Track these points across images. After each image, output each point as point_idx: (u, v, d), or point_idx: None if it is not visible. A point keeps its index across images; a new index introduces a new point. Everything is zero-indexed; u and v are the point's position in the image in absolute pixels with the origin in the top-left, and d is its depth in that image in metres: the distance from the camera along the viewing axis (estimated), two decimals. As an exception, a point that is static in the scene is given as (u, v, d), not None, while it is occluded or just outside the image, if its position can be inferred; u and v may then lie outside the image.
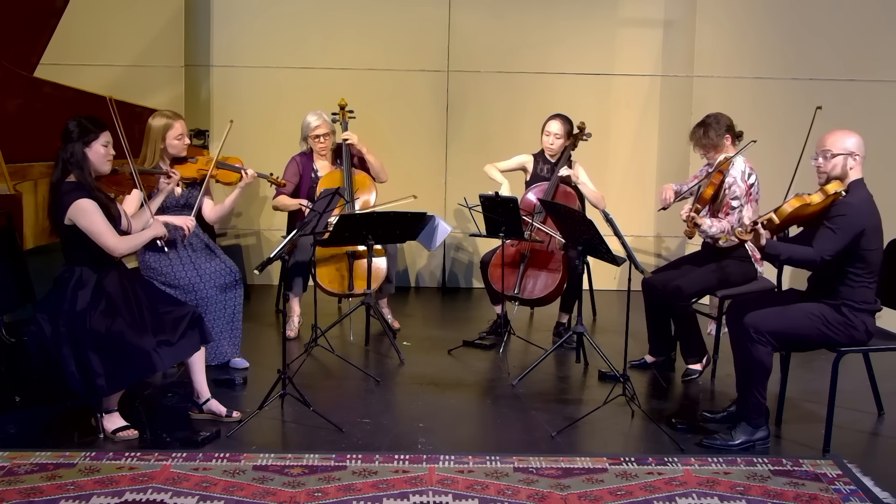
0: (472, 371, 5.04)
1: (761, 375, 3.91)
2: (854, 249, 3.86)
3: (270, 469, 3.65)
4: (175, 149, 4.67)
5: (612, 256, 4.47)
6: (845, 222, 3.83)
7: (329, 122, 5.63)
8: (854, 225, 3.83)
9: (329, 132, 5.61)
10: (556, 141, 5.52)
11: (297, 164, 5.65)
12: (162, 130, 4.63)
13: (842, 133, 3.97)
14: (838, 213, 3.86)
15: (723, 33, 6.53)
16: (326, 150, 5.65)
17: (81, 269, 3.95)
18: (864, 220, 3.86)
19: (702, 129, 4.89)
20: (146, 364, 3.87)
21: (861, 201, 3.89)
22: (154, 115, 4.69)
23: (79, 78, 5.75)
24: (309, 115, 5.62)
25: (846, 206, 3.86)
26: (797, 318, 3.92)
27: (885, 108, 5.83)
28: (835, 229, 3.84)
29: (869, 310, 3.94)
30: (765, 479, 3.64)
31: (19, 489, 3.44)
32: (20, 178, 4.69)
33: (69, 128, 3.96)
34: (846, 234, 3.83)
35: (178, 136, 4.66)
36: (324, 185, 5.45)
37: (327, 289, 5.42)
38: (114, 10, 6.45)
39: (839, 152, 3.93)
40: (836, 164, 3.93)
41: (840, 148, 3.93)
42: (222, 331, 4.77)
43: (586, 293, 6.09)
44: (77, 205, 3.88)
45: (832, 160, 3.93)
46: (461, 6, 6.82)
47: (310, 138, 5.61)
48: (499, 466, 3.70)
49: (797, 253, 3.94)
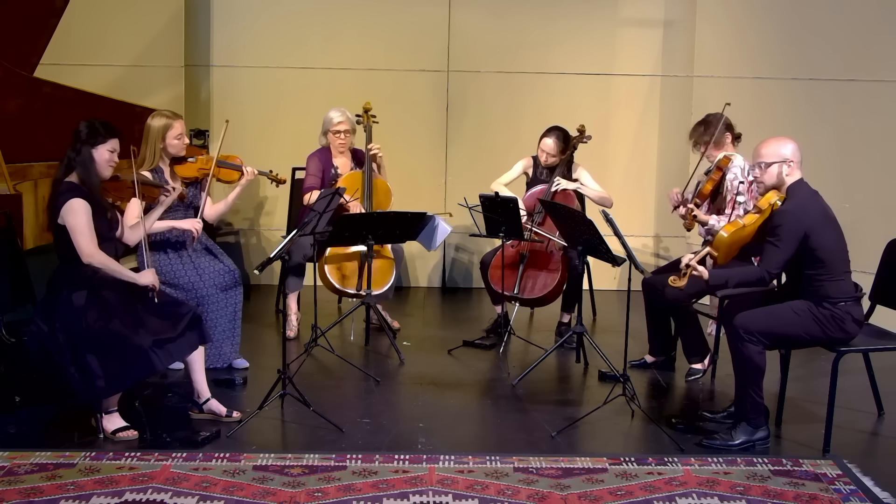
0: (472, 371, 5.04)
1: (755, 375, 3.91)
2: (805, 253, 3.84)
3: (270, 469, 3.65)
4: (174, 148, 4.67)
5: (612, 256, 4.47)
6: (784, 232, 3.82)
7: (351, 119, 5.58)
8: (794, 231, 3.81)
9: (350, 129, 5.56)
10: (549, 158, 5.52)
11: (318, 159, 5.60)
12: (161, 130, 4.62)
13: (774, 141, 3.97)
14: (776, 224, 3.85)
15: (723, 33, 6.52)
16: (345, 148, 5.62)
17: (75, 269, 3.95)
18: (804, 221, 3.83)
19: (702, 126, 4.91)
20: (144, 364, 3.86)
21: (799, 204, 3.87)
22: (153, 115, 4.68)
23: (79, 78, 5.75)
24: (332, 111, 5.57)
25: (781, 216, 3.85)
26: (785, 315, 3.92)
27: (884, 108, 5.82)
28: (775, 241, 3.84)
29: (850, 299, 3.90)
30: (765, 479, 3.64)
31: (19, 489, 3.44)
32: (20, 178, 4.69)
33: (80, 128, 3.98)
34: (788, 243, 3.82)
35: (178, 136, 4.66)
36: (345, 184, 5.40)
37: (338, 286, 5.40)
38: (114, 10, 6.45)
39: (773, 160, 3.93)
40: (772, 173, 3.94)
41: (774, 156, 3.93)
42: (223, 332, 4.77)
43: (586, 293, 6.09)
44: (69, 204, 3.90)
45: (767, 170, 3.94)
46: (461, 6, 6.82)
47: (330, 133, 5.58)
48: (499, 466, 3.70)
49: (743, 275, 3.98)
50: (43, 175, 4.98)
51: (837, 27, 6.01)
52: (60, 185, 3.95)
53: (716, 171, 4.77)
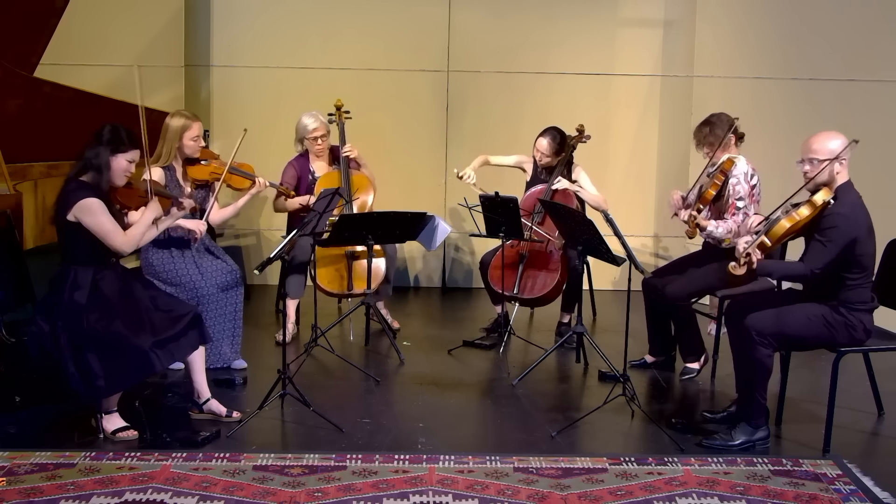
0: (472, 371, 5.04)
1: (763, 377, 3.91)
2: (848, 257, 3.83)
3: (270, 469, 3.65)
4: (190, 149, 4.73)
5: (612, 256, 4.47)
6: (837, 234, 3.78)
7: (325, 122, 5.60)
8: (845, 236, 3.79)
9: (326, 133, 5.59)
10: (543, 158, 5.52)
11: (294, 167, 5.62)
12: (180, 130, 4.69)
13: (826, 136, 3.89)
14: (829, 226, 3.80)
15: (723, 33, 6.53)
16: (323, 152, 5.64)
17: (77, 269, 3.94)
18: (856, 228, 3.80)
19: (707, 126, 4.88)
20: (144, 365, 3.86)
21: (852, 209, 3.83)
22: (172, 115, 4.74)
23: (79, 78, 5.74)
24: (305, 118, 5.58)
25: (837, 218, 3.79)
26: (797, 318, 3.92)
27: (885, 108, 5.83)
28: (825, 242, 3.79)
29: (866, 309, 3.93)
30: (765, 479, 3.64)
31: (19, 489, 3.44)
32: (20, 178, 4.69)
33: (103, 131, 3.95)
34: (837, 245, 3.79)
35: (195, 138, 4.73)
36: (322, 186, 5.44)
37: (326, 289, 5.42)
38: (114, 10, 6.45)
39: (826, 157, 3.85)
40: (825, 171, 3.85)
41: (827, 153, 3.85)
42: (223, 333, 4.77)
43: (586, 293, 6.09)
44: (83, 204, 3.87)
45: (819, 166, 3.85)
46: (461, 6, 6.82)
47: (307, 140, 5.59)
48: (499, 466, 3.70)
49: (789, 270, 3.99)
50: (43, 175, 4.98)
51: (837, 27, 6.01)
52: (71, 183, 3.93)
53: (719, 174, 4.74)
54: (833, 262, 3.82)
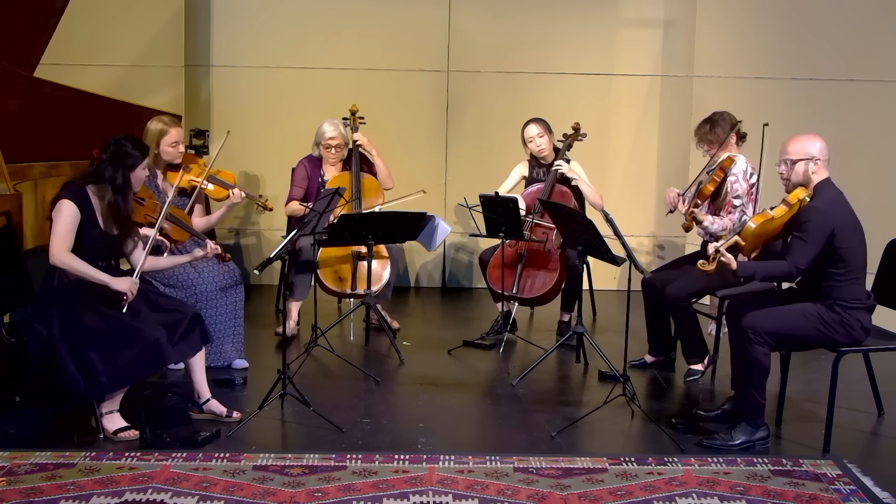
0: (472, 371, 5.04)
1: (760, 376, 3.92)
2: (830, 251, 3.86)
3: (270, 469, 3.65)
4: (169, 156, 4.67)
5: (612, 256, 4.47)
6: (813, 227, 3.83)
7: (344, 133, 5.55)
8: (822, 228, 3.83)
9: (342, 144, 5.54)
10: (540, 140, 5.51)
11: (304, 168, 5.60)
12: (157, 136, 4.63)
13: (802, 138, 4.00)
14: (805, 220, 3.86)
15: (723, 33, 6.52)
16: (337, 160, 5.61)
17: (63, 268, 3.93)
18: (833, 220, 3.85)
19: (708, 124, 4.90)
20: (156, 357, 3.86)
21: (828, 202, 3.89)
22: (152, 120, 4.69)
23: (79, 78, 5.75)
24: (325, 124, 5.55)
25: (811, 212, 3.86)
26: (794, 318, 3.93)
27: (885, 108, 5.82)
28: (804, 237, 3.84)
29: (862, 307, 3.94)
30: (765, 479, 3.64)
31: (19, 489, 3.44)
32: (20, 178, 4.69)
33: (113, 150, 3.92)
34: (816, 239, 3.83)
35: (173, 144, 4.66)
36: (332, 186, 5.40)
37: (331, 287, 5.41)
38: (114, 10, 6.45)
39: (800, 158, 3.95)
40: (798, 170, 3.96)
41: (801, 154, 3.96)
42: (224, 332, 4.77)
43: (586, 293, 6.09)
44: (59, 203, 3.89)
45: (793, 167, 3.97)
46: (461, 6, 6.82)
47: (322, 146, 5.57)
48: (499, 466, 3.70)
49: (771, 269, 3.99)
50: (43, 175, 4.98)
51: (837, 27, 6.01)
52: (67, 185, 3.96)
53: (718, 171, 4.76)
54: (817, 257, 3.85)
